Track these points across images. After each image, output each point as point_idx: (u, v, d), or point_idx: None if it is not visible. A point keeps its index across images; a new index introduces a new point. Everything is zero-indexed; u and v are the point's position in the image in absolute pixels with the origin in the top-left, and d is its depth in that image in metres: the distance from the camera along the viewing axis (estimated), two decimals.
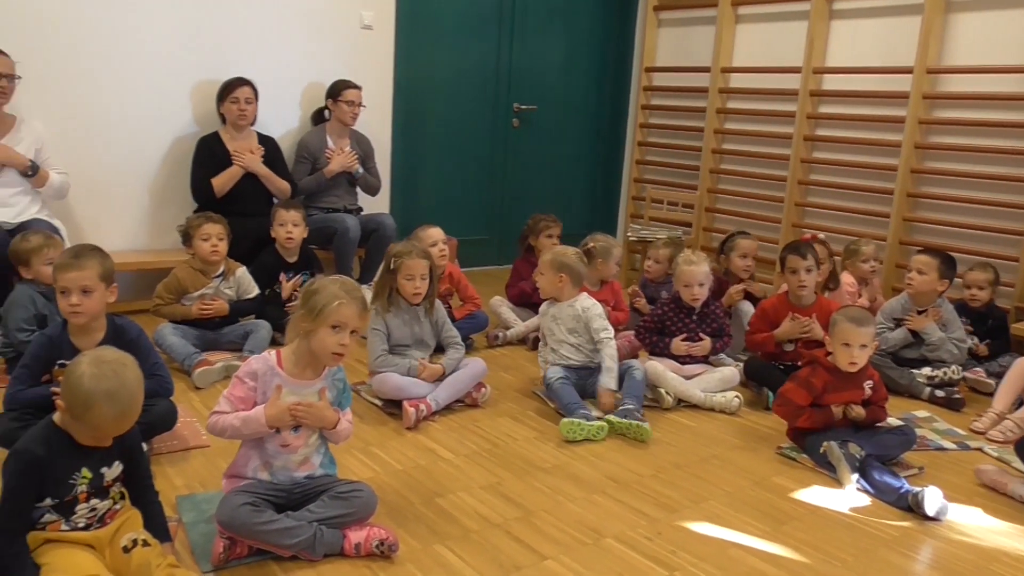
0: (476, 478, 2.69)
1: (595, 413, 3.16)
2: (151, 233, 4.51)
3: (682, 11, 6.04)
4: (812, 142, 5.30)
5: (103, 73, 4.22)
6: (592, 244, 3.94)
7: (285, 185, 4.49)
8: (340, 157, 4.67)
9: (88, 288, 2.41)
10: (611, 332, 3.34)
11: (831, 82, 5.21)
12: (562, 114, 6.13)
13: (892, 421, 3.11)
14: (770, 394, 3.41)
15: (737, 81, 5.73)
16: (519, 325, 4.24)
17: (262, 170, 4.40)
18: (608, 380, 3.27)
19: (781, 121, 5.40)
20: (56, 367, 2.43)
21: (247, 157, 4.35)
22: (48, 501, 1.85)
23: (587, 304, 3.36)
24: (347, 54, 4.94)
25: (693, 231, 5.80)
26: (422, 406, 3.08)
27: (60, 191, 3.92)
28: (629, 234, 5.71)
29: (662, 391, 3.41)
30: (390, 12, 5.09)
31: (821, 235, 4.39)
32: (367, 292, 4.51)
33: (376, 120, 5.08)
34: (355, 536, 2.14)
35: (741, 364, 3.68)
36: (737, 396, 3.41)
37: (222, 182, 4.29)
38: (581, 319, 3.34)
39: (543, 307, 3.50)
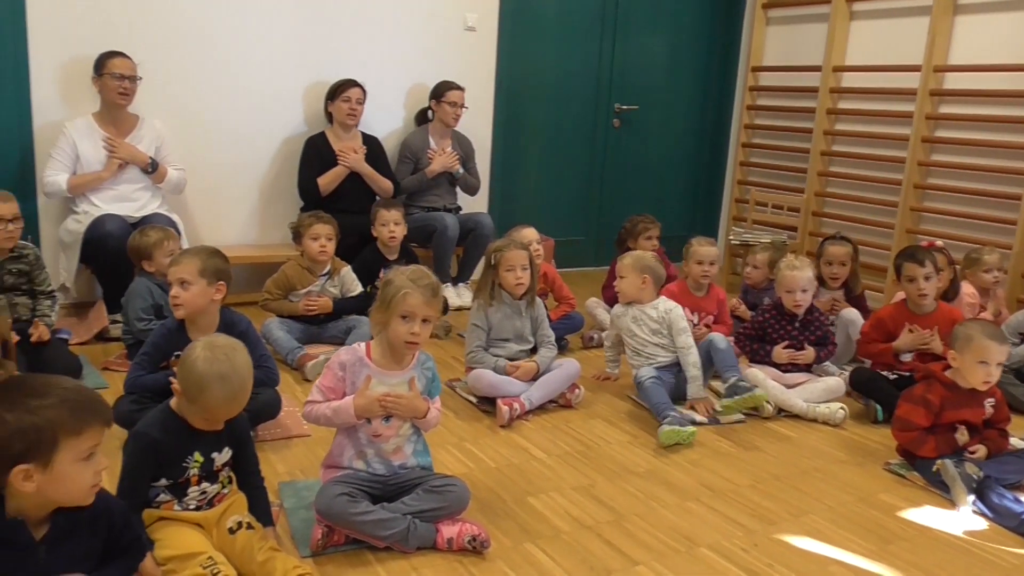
0: (568, 479, 2.68)
1: (690, 416, 3.11)
2: (261, 229, 4.70)
3: (792, 8, 5.85)
4: (931, 144, 5.03)
5: (219, 75, 4.42)
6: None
7: (387, 184, 4.59)
8: (441, 157, 4.75)
9: (186, 281, 2.54)
10: (692, 341, 3.30)
11: (953, 81, 4.94)
12: (664, 114, 6.04)
13: (1015, 443, 2.92)
14: (877, 407, 3.27)
15: (849, 80, 5.50)
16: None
17: (366, 169, 4.52)
18: (696, 389, 3.24)
19: (897, 122, 5.15)
20: (173, 357, 2.56)
21: (351, 156, 4.48)
22: (163, 482, 1.97)
23: (669, 306, 3.34)
24: (451, 56, 5.02)
25: (798, 235, 5.61)
26: (516, 405, 3.09)
27: (177, 187, 4.14)
28: (731, 237, 5.57)
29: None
30: (494, 14, 5.13)
31: (939, 242, 4.16)
32: (465, 290, 4.63)
33: (477, 120, 5.13)
34: (448, 531, 2.17)
35: (846, 374, 3.53)
36: (842, 408, 3.27)
37: (327, 181, 4.43)
38: (664, 321, 3.31)
39: (618, 309, 3.46)
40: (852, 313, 3.81)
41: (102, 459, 1.45)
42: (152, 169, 3.98)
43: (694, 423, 3.10)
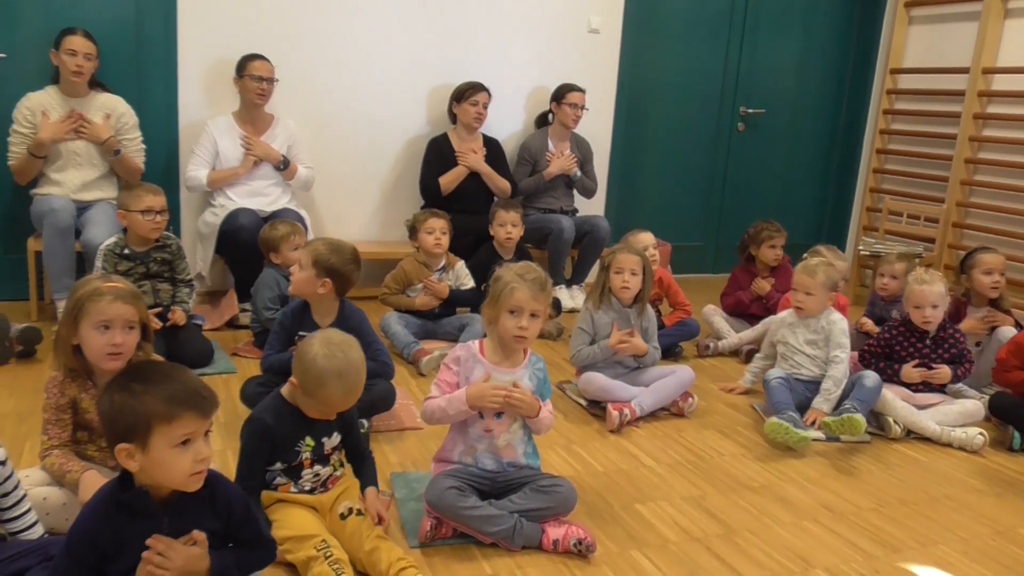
0: (678, 488, 2.62)
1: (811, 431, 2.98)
2: (382, 226, 4.84)
3: (938, 7, 5.51)
4: None
5: (349, 77, 4.58)
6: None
7: (506, 185, 4.63)
8: (560, 160, 4.75)
9: (301, 264, 2.75)
10: (847, 355, 3.15)
11: None
12: (792, 118, 5.82)
13: None
14: (1016, 434, 3.04)
15: (1001, 83, 5.13)
16: (732, 336, 4.08)
17: (485, 169, 4.57)
18: (822, 402, 3.10)
19: None
20: (297, 337, 2.69)
21: (471, 157, 4.54)
22: (279, 465, 2.06)
23: (834, 318, 3.21)
24: (573, 58, 5.01)
25: (936, 248, 5.28)
26: (626, 410, 3.05)
27: (306, 184, 4.32)
28: (861, 248, 5.31)
29: (889, 419, 3.13)
30: (618, 15, 5.09)
31: None
32: (578, 292, 4.61)
33: (597, 123, 5.10)
34: (554, 532, 2.16)
35: (985, 398, 3.29)
36: (981, 433, 3.05)
37: (448, 181, 4.51)
38: (823, 331, 3.19)
39: (786, 317, 3.33)
40: (1009, 331, 3.50)
41: (204, 448, 1.52)
42: (284, 167, 4.17)
43: (810, 435, 2.95)
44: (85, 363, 2.09)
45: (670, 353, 3.85)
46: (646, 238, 3.78)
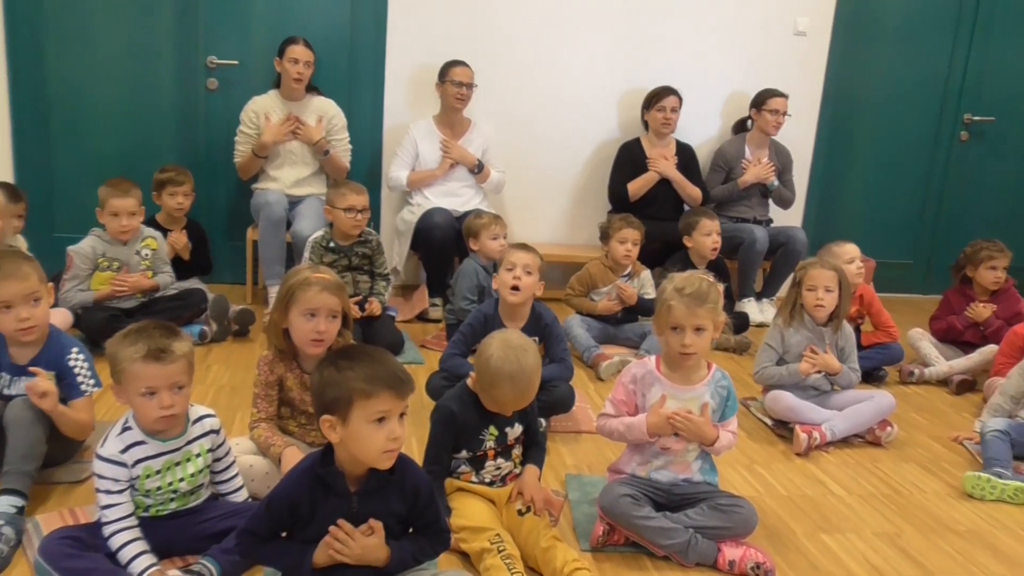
0: (870, 522, 2.42)
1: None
2: (569, 229, 4.87)
3: None
4: None
5: (542, 83, 4.66)
6: None
7: (697, 192, 4.52)
8: (756, 168, 4.56)
9: (530, 271, 2.80)
10: None
11: None
12: None
13: None
14: None
15: None
16: (941, 364, 3.73)
17: (676, 176, 4.48)
18: None
19: None
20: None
21: (662, 163, 4.47)
22: (464, 453, 2.13)
23: None
24: (775, 62, 4.80)
25: None
26: (816, 433, 2.87)
27: (497, 187, 4.44)
28: None
29: None
30: (828, 17, 4.82)
31: None
32: (768, 306, 4.40)
33: (799, 131, 4.86)
34: (730, 552, 2.07)
35: None
36: None
37: (637, 187, 4.46)
38: None
39: None
40: None
41: (397, 428, 1.60)
42: (478, 170, 4.30)
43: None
44: (292, 346, 2.26)
45: (871, 377, 3.59)
46: (851, 249, 3.52)
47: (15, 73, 4.17)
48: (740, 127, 4.79)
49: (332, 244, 3.52)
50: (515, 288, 2.80)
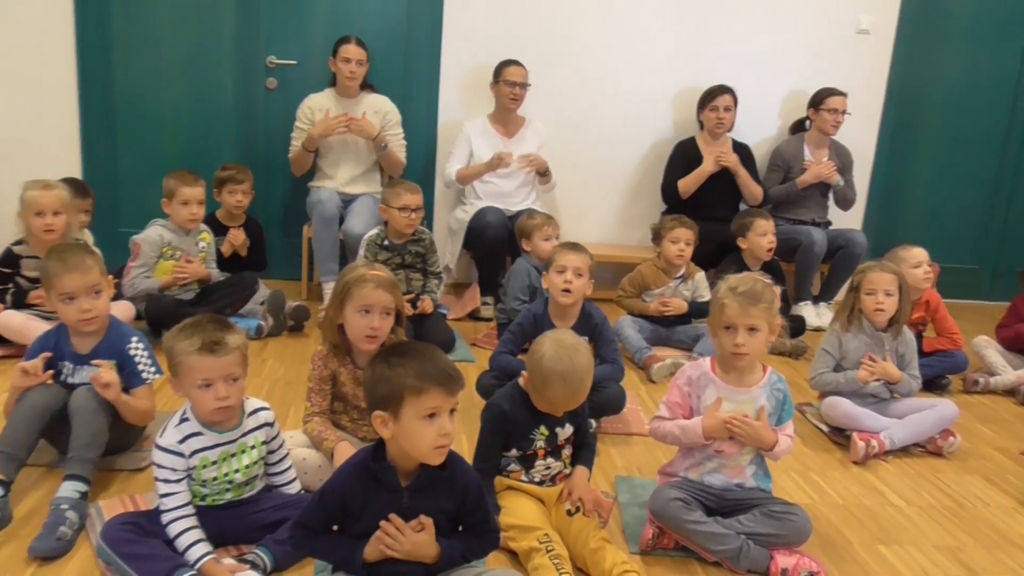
0: (930, 535, 2.35)
1: None
2: (621, 229, 4.84)
3: None
4: None
5: (597, 81, 4.64)
6: None
7: (758, 189, 4.44)
8: (816, 168, 4.47)
9: (581, 273, 2.78)
10: None
11: None
12: None
13: None
14: None
15: None
16: (1008, 373, 3.61)
17: (740, 170, 4.39)
18: None
19: None
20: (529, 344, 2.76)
21: (729, 156, 4.38)
22: (514, 452, 2.13)
23: None
24: (836, 61, 4.70)
25: None
26: (874, 442, 2.80)
27: (550, 187, 4.42)
28: None
29: None
30: (892, 14, 4.70)
31: None
32: (826, 310, 4.30)
33: (860, 130, 4.75)
34: (783, 560, 2.03)
35: None
36: None
37: (688, 184, 4.40)
38: None
39: None
40: None
41: (447, 424, 1.60)
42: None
43: None
44: (346, 341, 2.29)
45: (934, 386, 3.50)
46: (919, 253, 3.39)
47: (85, 75, 4.31)
48: (798, 127, 4.70)
49: (386, 242, 3.55)
50: (566, 291, 2.79)
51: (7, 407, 2.22)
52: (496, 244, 4.04)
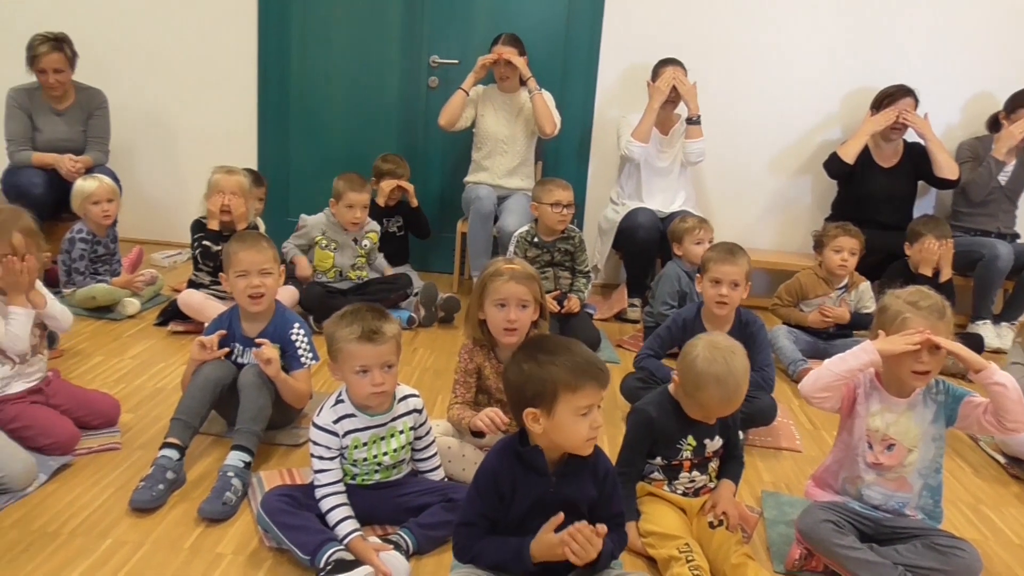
0: None
1: None
2: (780, 235, 4.65)
3: None
4: None
5: (759, 81, 4.47)
6: None
7: (953, 163, 4.13)
8: (1013, 127, 4.03)
9: (737, 283, 2.69)
10: None
11: None
12: None
13: None
14: None
15: None
16: None
17: (931, 137, 4.11)
18: None
19: None
20: (677, 348, 2.69)
21: (917, 119, 4.11)
22: (658, 460, 2.09)
23: None
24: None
25: None
26: None
27: (699, 152, 4.20)
28: None
29: None
30: None
31: None
32: (1007, 331, 3.95)
33: None
34: None
35: None
36: None
37: (848, 148, 4.15)
38: None
39: None
40: None
41: (598, 417, 1.61)
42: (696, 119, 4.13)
43: None
44: (489, 336, 2.32)
45: None
46: None
47: (264, 72, 4.62)
48: (993, 125, 4.30)
49: (536, 239, 3.58)
50: (721, 303, 2.70)
51: (184, 379, 2.42)
52: (646, 245, 3.97)
